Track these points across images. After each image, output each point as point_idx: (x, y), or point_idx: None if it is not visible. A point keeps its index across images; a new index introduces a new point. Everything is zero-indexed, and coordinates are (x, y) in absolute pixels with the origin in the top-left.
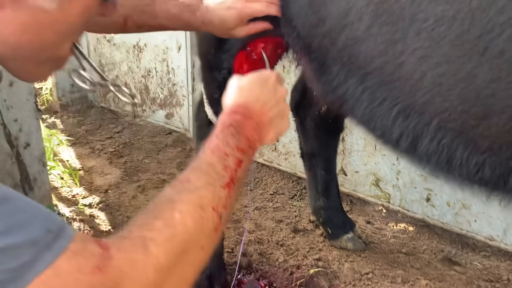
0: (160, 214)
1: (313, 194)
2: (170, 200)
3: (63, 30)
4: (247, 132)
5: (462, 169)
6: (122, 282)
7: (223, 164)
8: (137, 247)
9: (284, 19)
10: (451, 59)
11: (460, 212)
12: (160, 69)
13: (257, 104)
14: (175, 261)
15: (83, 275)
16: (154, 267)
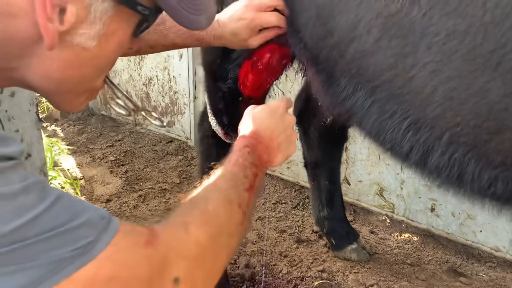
0: (196, 205)
1: (317, 204)
2: (202, 197)
3: (100, 65)
4: (259, 153)
5: (474, 184)
6: (169, 255)
7: (243, 173)
8: (179, 227)
9: (291, 29)
10: (463, 74)
11: (465, 222)
12: (162, 77)
13: (267, 131)
14: (211, 241)
15: (138, 248)
16: (194, 243)
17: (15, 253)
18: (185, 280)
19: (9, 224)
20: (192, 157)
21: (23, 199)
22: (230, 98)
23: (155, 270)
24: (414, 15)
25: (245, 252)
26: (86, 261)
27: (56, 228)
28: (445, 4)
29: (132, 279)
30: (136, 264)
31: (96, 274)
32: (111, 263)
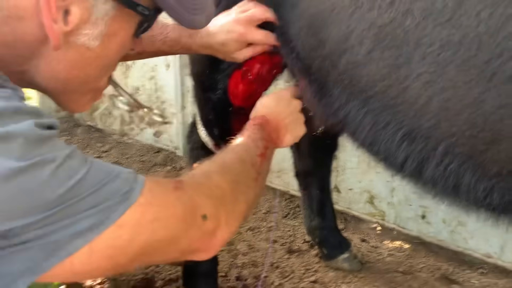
0: (213, 161)
1: (308, 214)
2: (218, 155)
3: (104, 65)
4: (268, 131)
5: (470, 194)
6: (195, 195)
7: (255, 144)
8: (201, 176)
9: (283, 39)
10: (457, 84)
11: (456, 229)
12: (149, 87)
13: (273, 114)
14: (230, 186)
15: (169, 192)
16: (216, 187)
17: (70, 208)
18: (211, 216)
19: (64, 185)
20: (180, 167)
21: (70, 163)
22: (220, 109)
23: (187, 209)
24: (407, 26)
25: (235, 264)
26: (127, 207)
27: (97, 184)
28: (439, 14)
29: (171, 218)
30: (171, 205)
31: (141, 218)
32: (151, 206)
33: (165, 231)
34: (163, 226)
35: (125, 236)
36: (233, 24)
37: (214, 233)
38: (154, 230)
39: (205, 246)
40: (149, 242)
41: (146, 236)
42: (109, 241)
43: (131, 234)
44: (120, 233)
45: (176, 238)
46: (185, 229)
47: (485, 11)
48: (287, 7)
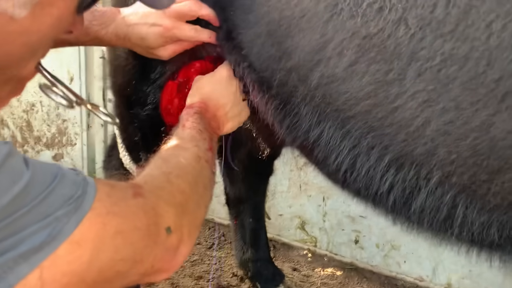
0: (168, 160)
1: (240, 246)
2: (171, 154)
3: (32, 44)
4: (208, 120)
5: (463, 228)
6: (158, 203)
7: (200, 136)
8: (160, 179)
9: (230, 45)
10: (462, 105)
11: (389, 253)
12: (47, 103)
13: (212, 101)
14: (191, 189)
15: (129, 200)
16: (178, 191)
17: (14, 224)
18: (175, 228)
19: (6, 194)
20: None
21: (12, 163)
22: (149, 128)
23: (150, 219)
24: (399, 37)
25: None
26: (81, 216)
27: (44, 190)
28: (439, 24)
29: (134, 230)
30: (133, 215)
31: (102, 230)
32: (112, 216)
33: (129, 248)
34: (127, 242)
35: (85, 256)
36: (159, 16)
37: (178, 248)
38: (117, 246)
39: (168, 264)
40: (111, 263)
41: (109, 255)
42: (64, 264)
43: (91, 253)
44: (78, 253)
45: (140, 256)
46: (149, 245)
47: (497, 22)
48: (239, 10)
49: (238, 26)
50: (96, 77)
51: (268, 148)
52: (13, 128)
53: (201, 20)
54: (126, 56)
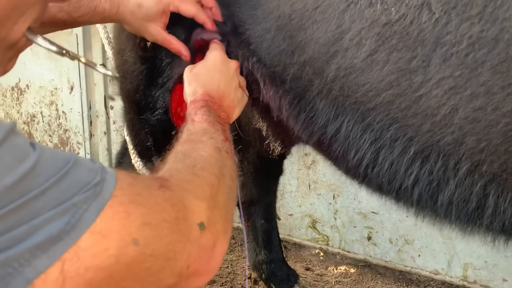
0: (189, 155)
1: (253, 247)
2: (190, 148)
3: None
4: (216, 113)
5: (495, 219)
6: (187, 197)
7: (214, 128)
8: (186, 172)
9: (236, 40)
10: (492, 90)
11: (403, 248)
12: (48, 114)
13: (215, 89)
14: (219, 181)
15: (155, 191)
16: (207, 184)
17: (24, 208)
18: (209, 224)
19: (13, 172)
20: None
21: (16, 140)
22: (161, 133)
23: (179, 213)
24: (423, 22)
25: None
26: (103, 204)
27: (56, 173)
28: (466, 7)
29: (162, 222)
30: (160, 207)
31: (126, 221)
32: (136, 206)
33: (159, 242)
34: (156, 235)
35: (111, 249)
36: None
37: (214, 246)
38: (145, 239)
39: (206, 265)
40: (140, 258)
41: (137, 248)
42: (88, 258)
43: (117, 245)
44: (103, 244)
45: (172, 252)
46: (181, 241)
47: None
48: (245, 6)
49: (245, 22)
50: (97, 85)
51: (278, 147)
52: None
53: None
54: (133, 61)
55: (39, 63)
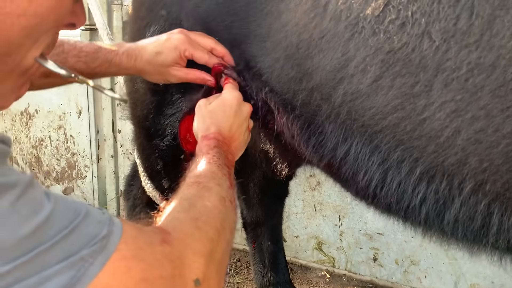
0: (193, 203)
1: (260, 269)
2: (195, 195)
3: (31, 27)
4: (225, 154)
5: (499, 237)
6: (186, 252)
7: (222, 172)
8: (189, 224)
9: (249, 74)
10: (492, 113)
11: (409, 269)
12: (56, 138)
13: (226, 129)
14: (219, 236)
15: (156, 246)
16: (207, 239)
17: (36, 260)
18: (204, 280)
19: (28, 224)
20: None
21: (33, 193)
22: (170, 157)
23: (176, 270)
24: (424, 50)
25: None
26: (107, 257)
27: (68, 226)
28: (464, 35)
29: (159, 279)
30: (159, 263)
31: (127, 276)
32: (137, 261)
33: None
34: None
35: None
36: (174, 38)
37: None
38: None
39: None
40: None
41: None
42: None
43: None
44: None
45: None
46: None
47: None
48: (255, 40)
49: (256, 55)
50: (105, 109)
51: (285, 169)
52: (23, 164)
53: None
54: (144, 91)
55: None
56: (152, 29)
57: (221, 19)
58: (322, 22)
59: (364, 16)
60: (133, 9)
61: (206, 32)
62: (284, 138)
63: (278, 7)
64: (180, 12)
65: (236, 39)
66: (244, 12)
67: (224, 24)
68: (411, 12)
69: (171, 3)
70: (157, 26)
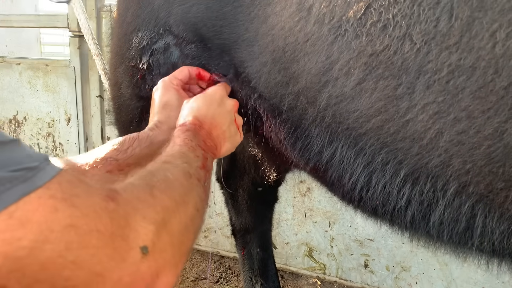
0: (154, 174)
1: (249, 276)
2: (159, 168)
3: None
4: (203, 138)
5: (484, 239)
6: (134, 216)
7: (193, 153)
8: (142, 190)
9: (239, 80)
10: (473, 114)
11: (400, 275)
12: (45, 145)
13: (207, 117)
14: (178, 207)
15: (97, 199)
16: (161, 207)
17: None
18: (154, 250)
19: None
20: None
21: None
22: None
23: (118, 229)
24: (405, 52)
25: None
26: (29, 189)
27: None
28: (444, 37)
29: (93, 232)
30: (96, 215)
31: (52, 216)
32: (67, 205)
33: (85, 252)
34: (82, 242)
35: (26, 240)
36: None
37: (157, 276)
38: (68, 242)
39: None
40: (59, 262)
41: (57, 249)
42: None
43: (34, 238)
44: (18, 233)
45: (100, 267)
46: (113, 258)
47: (501, 31)
48: (243, 45)
49: (244, 60)
50: (94, 116)
51: (273, 173)
52: None
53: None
54: (129, 96)
55: (37, 96)
56: (140, 34)
57: (211, 24)
58: (306, 25)
59: (347, 19)
60: (118, 13)
61: (197, 38)
62: (272, 143)
63: (264, 11)
64: (169, 18)
65: (226, 44)
66: (232, 16)
67: (214, 29)
68: (392, 15)
69: (159, 9)
70: (146, 32)
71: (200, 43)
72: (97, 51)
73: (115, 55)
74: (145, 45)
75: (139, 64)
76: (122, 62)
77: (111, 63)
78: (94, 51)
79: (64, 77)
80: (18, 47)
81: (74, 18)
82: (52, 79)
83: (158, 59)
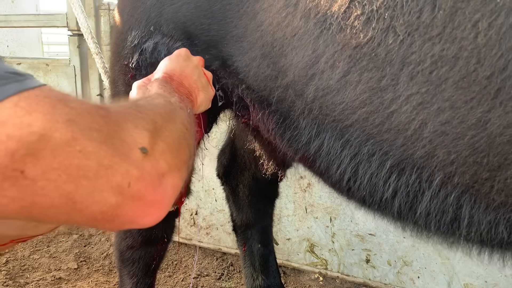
0: (138, 101)
1: (250, 272)
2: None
3: None
4: (175, 86)
5: (471, 229)
6: (125, 123)
7: (170, 94)
8: (129, 108)
9: (226, 71)
10: (456, 104)
11: (402, 270)
12: None
13: (176, 71)
14: (167, 122)
15: (85, 105)
16: (150, 120)
17: None
18: (153, 152)
19: None
20: (89, 234)
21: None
22: None
23: (113, 132)
24: (389, 44)
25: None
26: (21, 87)
27: None
28: (427, 28)
29: (90, 129)
30: (90, 116)
31: (53, 110)
32: (65, 106)
33: (89, 142)
34: (84, 134)
35: (35, 126)
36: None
37: (163, 176)
38: (73, 132)
39: (152, 191)
40: (68, 149)
41: (64, 137)
42: (9, 125)
43: (42, 125)
44: (26, 119)
45: (108, 160)
46: (116, 154)
47: (483, 21)
48: (232, 40)
49: (233, 55)
50: None
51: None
52: None
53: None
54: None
55: None
56: (133, 33)
57: (200, 22)
58: (293, 20)
59: (331, 13)
60: (118, 12)
61: (185, 35)
62: (261, 132)
63: (253, 8)
64: (160, 18)
65: (214, 40)
66: (221, 14)
67: (202, 27)
68: (375, 7)
69: (150, 9)
70: (138, 31)
71: (187, 40)
72: (96, 50)
73: (113, 54)
74: (136, 44)
75: (130, 63)
76: (118, 60)
77: (110, 61)
78: (94, 49)
79: (64, 76)
80: (20, 47)
81: (73, 17)
82: (53, 78)
83: (146, 58)
